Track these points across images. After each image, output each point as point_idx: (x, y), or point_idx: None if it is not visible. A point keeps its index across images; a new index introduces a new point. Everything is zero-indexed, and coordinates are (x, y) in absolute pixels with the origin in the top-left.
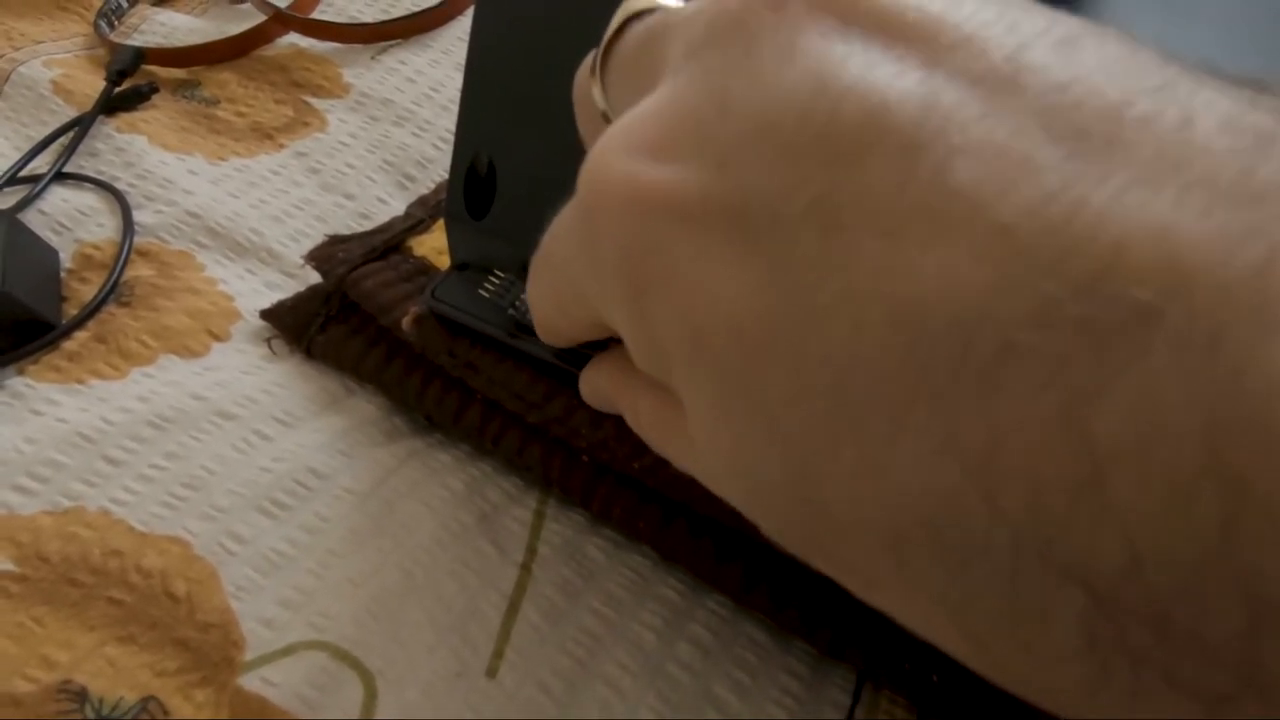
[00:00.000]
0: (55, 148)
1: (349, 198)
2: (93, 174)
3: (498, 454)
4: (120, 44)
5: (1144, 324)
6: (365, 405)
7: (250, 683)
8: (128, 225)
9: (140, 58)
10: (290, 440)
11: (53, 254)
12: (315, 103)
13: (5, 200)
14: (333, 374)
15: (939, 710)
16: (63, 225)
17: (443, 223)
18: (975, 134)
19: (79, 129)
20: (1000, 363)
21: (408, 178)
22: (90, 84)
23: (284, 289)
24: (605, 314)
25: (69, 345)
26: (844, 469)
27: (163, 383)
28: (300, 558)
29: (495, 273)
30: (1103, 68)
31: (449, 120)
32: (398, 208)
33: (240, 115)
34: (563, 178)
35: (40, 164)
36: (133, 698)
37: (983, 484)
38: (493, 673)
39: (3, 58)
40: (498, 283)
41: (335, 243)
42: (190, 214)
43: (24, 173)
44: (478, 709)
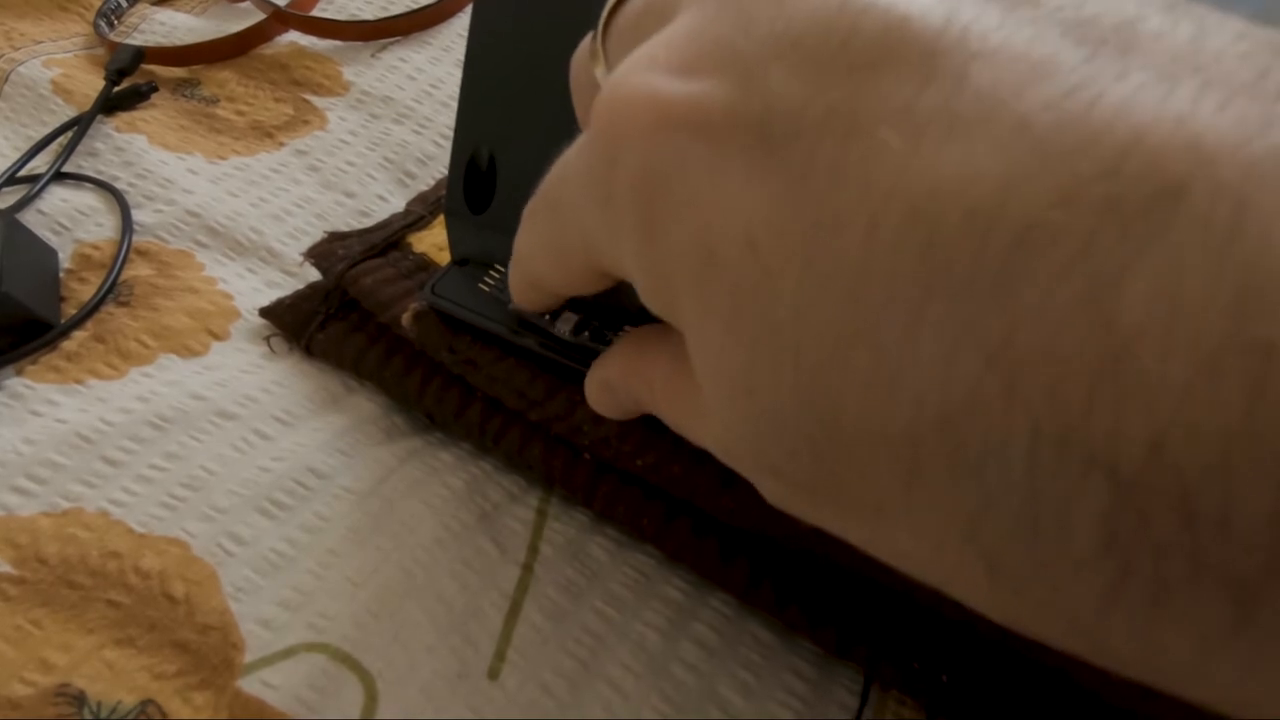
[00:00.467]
0: (54, 147)
1: (349, 195)
2: (92, 173)
3: (499, 452)
4: (120, 43)
5: (1167, 201)
6: (365, 403)
7: (250, 685)
8: (127, 225)
9: (140, 57)
10: (290, 439)
11: (51, 254)
12: (315, 100)
13: (4, 200)
14: (332, 372)
15: (948, 711)
16: (62, 225)
17: (442, 219)
18: (994, 40)
19: (78, 128)
20: (1020, 250)
21: (408, 175)
22: (90, 83)
23: (284, 287)
24: (611, 252)
25: (68, 345)
26: (858, 378)
27: (162, 382)
28: (300, 558)
29: (495, 267)
30: None
31: (449, 117)
32: (398, 205)
33: (240, 114)
34: None
35: (39, 164)
36: (131, 701)
37: (1003, 373)
38: (494, 674)
39: (2, 57)
40: (498, 277)
41: (334, 240)
42: (190, 213)
43: (23, 172)
44: (479, 710)
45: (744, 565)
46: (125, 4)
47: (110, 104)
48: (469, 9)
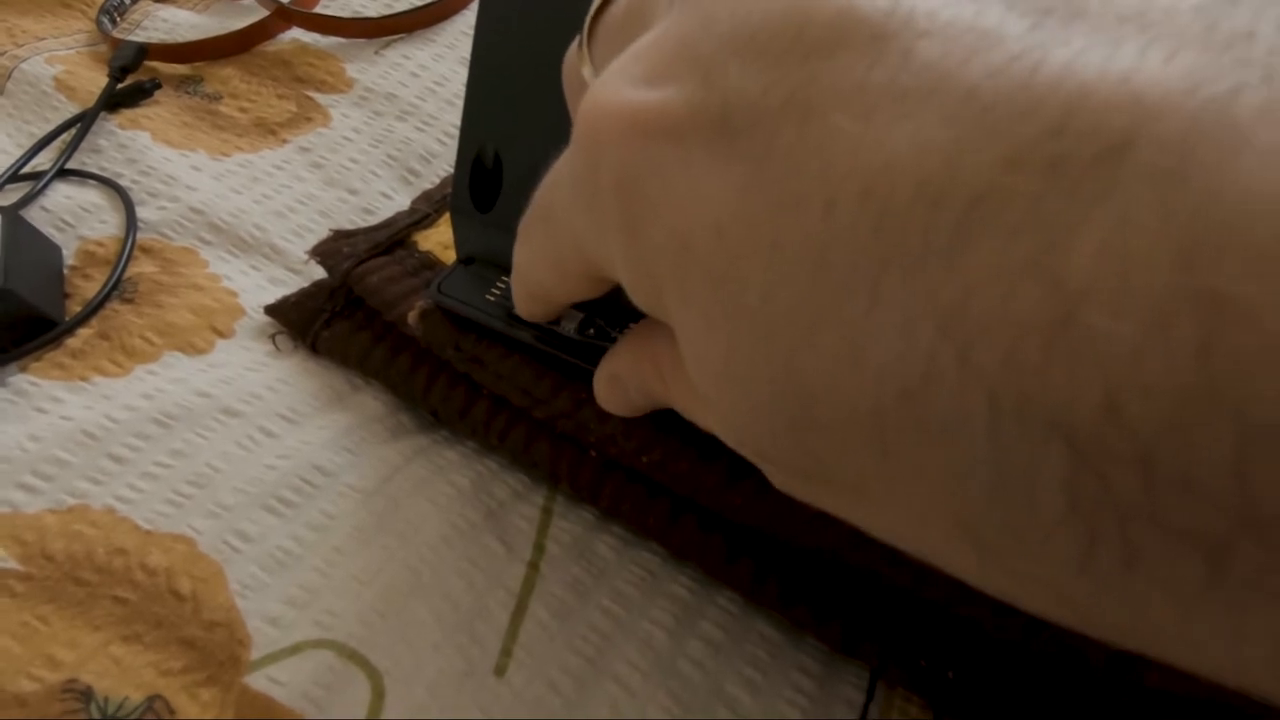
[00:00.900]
0: (57, 144)
1: (353, 193)
2: (95, 170)
3: (504, 450)
4: (123, 40)
5: (1112, 158)
6: (370, 401)
7: (257, 682)
8: (130, 222)
9: (143, 54)
10: (295, 437)
11: (55, 251)
12: (318, 98)
13: (7, 197)
14: (337, 370)
15: (954, 708)
16: (65, 222)
17: (448, 217)
18: (941, 18)
19: (82, 125)
20: (970, 217)
21: (412, 172)
22: (92, 80)
23: (288, 285)
24: (602, 255)
25: (72, 342)
26: (826, 357)
27: (167, 380)
28: (306, 555)
29: (503, 278)
30: None
31: (453, 115)
32: (402, 202)
33: (243, 111)
34: None
35: (42, 161)
36: (138, 697)
37: (957, 342)
38: (501, 671)
39: (5, 55)
40: (505, 286)
41: (339, 237)
42: (193, 210)
43: (26, 169)
44: (486, 708)
45: (749, 563)
46: (128, 1)
47: (113, 101)
48: (472, 6)
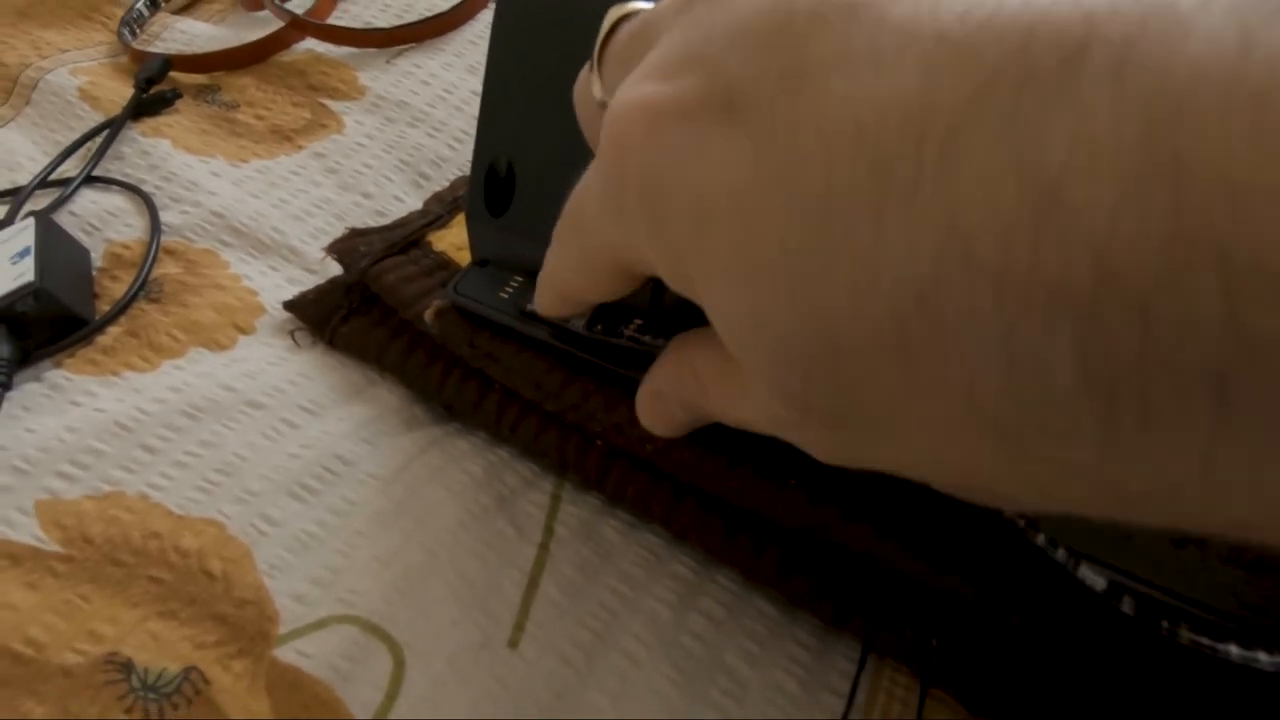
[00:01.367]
0: (82, 152)
1: (366, 196)
2: (120, 177)
3: (515, 440)
4: (146, 52)
5: (1073, 62)
6: (387, 395)
7: (285, 654)
8: (155, 225)
9: (168, 66)
10: (316, 428)
11: (84, 253)
12: (332, 105)
13: (37, 203)
14: (354, 365)
15: (939, 678)
16: (93, 226)
17: (460, 218)
18: None
19: (109, 133)
20: (953, 141)
21: (423, 176)
22: (115, 90)
23: (306, 284)
24: (631, 250)
25: (103, 340)
26: (842, 286)
27: (193, 374)
28: (329, 538)
29: (515, 278)
30: None
31: (462, 121)
32: (414, 205)
33: (259, 118)
34: (579, 174)
35: (68, 168)
36: (175, 668)
37: (957, 244)
38: (514, 644)
39: (30, 66)
40: (517, 285)
41: (356, 235)
42: (214, 214)
43: (53, 176)
44: (501, 678)
45: (747, 541)
46: (147, 13)
47: (136, 110)
48: (482, 16)
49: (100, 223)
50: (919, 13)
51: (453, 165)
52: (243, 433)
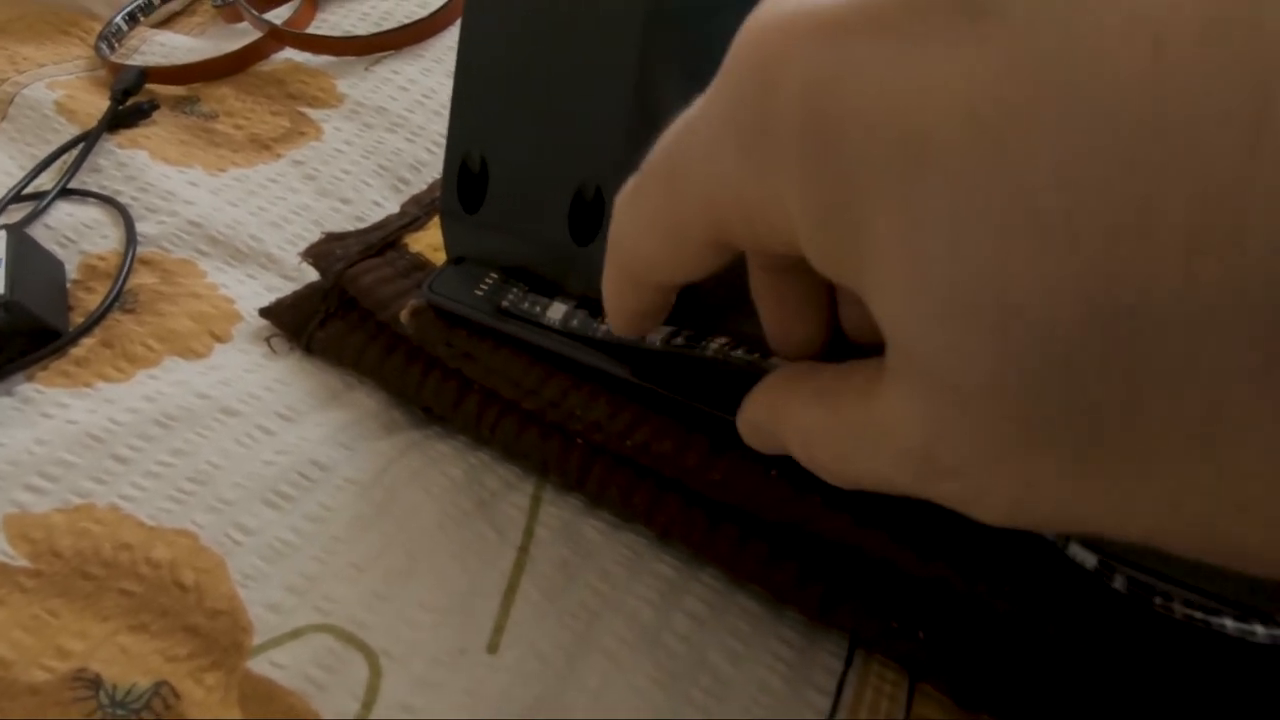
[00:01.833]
0: (59, 165)
1: (345, 202)
2: (96, 189)
3: (495, 442)
4: (123, 64)
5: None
6: (365, 399)
7: (259, 666)
8: (130, 236)
9: (143, 78)
10: (293, 434)
11: (59, 266)
12: (311, 113)
13: (11, 216)
14: (332, 369)
15: (927, 671)
16: (68, 238)
17: (437, 220)
18: None
19: (84, 146)
20: None
21: (402, 181)
22: (92, 103)
23: (283, 291)
24: (753, 201)
25: (76, 351)
26: (1178, 235)
27: (167, 383)
28: (305, 546)
29: (490, 274)
30: None
31: (441, 125)
32: (393, 210)
33: (238, 128)
34: (552, 168)
35: (45, 181)
36: (145, 683)
37: None
38: (494, 648)
39: (7, 81)
40: (493, 282)
41: (332, 240)
42: (191, 223)
43: (29, 190)
44: (481, 682)
45: (731, 536)
46: (125, 27)
47: (113, 122)
48: (458, 22)
49: (75, 235)
50: None
51: (432, 169)
52: (216, 440)
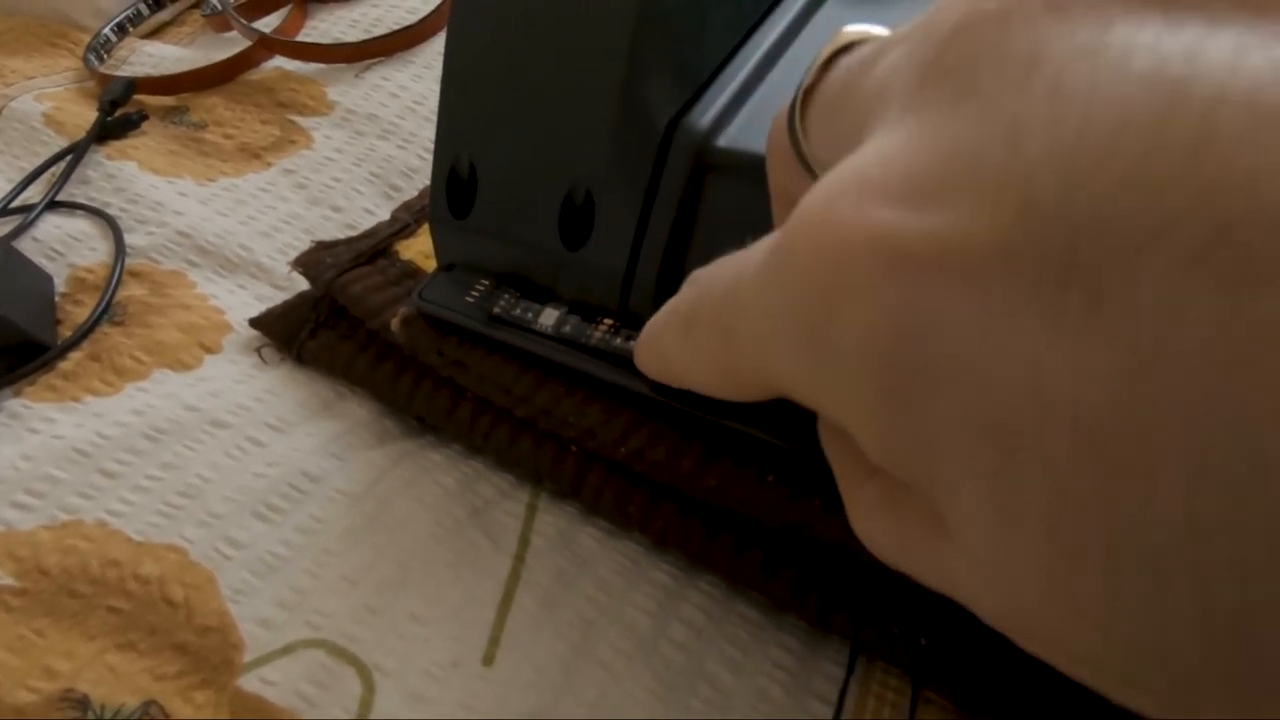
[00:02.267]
0: (47, 177)
1: (336, 210)
2: (84, 201)
3: (489, 450)
4: (111, 75)
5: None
6: (357, 409)
7: (249, 683)
8: (119, 248)
9: (131, 88)
10: (283, 445)
11: (47, 279)
12: (301, 121)
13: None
14: (323, 379)
15: (930, 677)
16: (56, 251)
17: (428, 226)
18: None
19: (73, 157)
20: None
21: (393, 188)
22: (81, 115)
23: (274, 301)
24: (823, 403)
25: (64, 365)
26: None
27: (156, 396)
28: (296, 559)
29: (481, 281)
30: None
31: (432, 131)
32: (384, 218)
33: (228, 137)
34: (541, 172)
35: (33, 193)
36: (134, 703)
37: None
38: (489, 660)
39: None
40: (484, 288)
41: (322, 248)
42: (181, 234)
43: (17, 203)
44: (476, 696)
45: (728, 543)
46: (114, 38)
47: (101, 134)
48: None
49: (64, 248)
50: None
51: (423, 176)
52: (206, 453)
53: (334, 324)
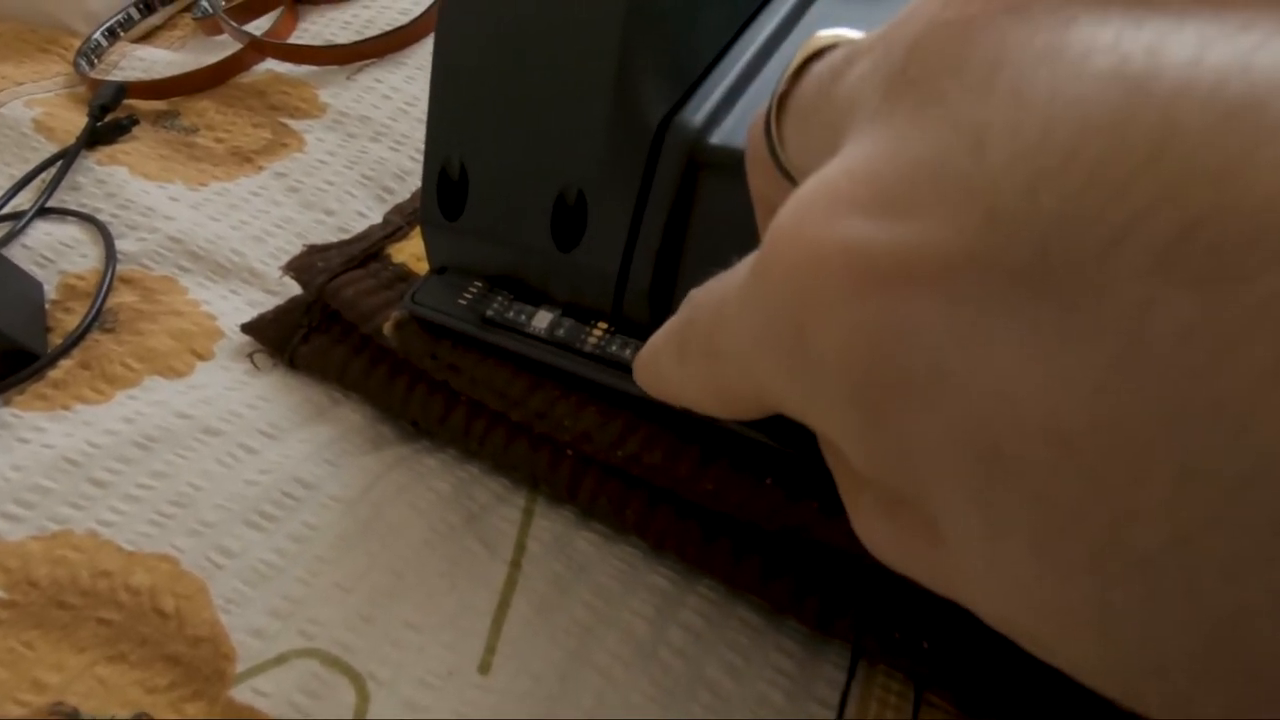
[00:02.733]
0: (37, 183)
1: (329, 213)
2: (75, 207)
3: (484, 454)
4: (102, 80)
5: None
6: (350, 414)
7: (241, 694)
8: (110, 254)
9: (122, 92)
10: (276, 452)
11: (37, 286)
12: (292, 124)
13: None
14: (316, 384)
15: (933, 681)
16: (46, 258)
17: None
18: None
19: (63, 164)
20: None
21: (386, 190)
22: (71, 121)
23: (266, 307)
24: (809, 414)
25: (54, 374)
26: None
27: (147, 403)
28: (289, 567)
29: (474, 283)
30: None
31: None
32: (377, 221)
33: (219, 141)
34: (532, 172)
35: (23, 200)
36: (124, 715)
37: None
38: (485, 668)
39: None
40: (477, 290)
41: (314, 252)
42: (172, 239)
43: (7, 209)
44: (472, 704)
45: (726, 547)
46: (105, 43)
47: (92, 139)
48: None
49: (54, 254)
50: None
51: (416, 178)
52: (197, 461)
53: (327, 329)
